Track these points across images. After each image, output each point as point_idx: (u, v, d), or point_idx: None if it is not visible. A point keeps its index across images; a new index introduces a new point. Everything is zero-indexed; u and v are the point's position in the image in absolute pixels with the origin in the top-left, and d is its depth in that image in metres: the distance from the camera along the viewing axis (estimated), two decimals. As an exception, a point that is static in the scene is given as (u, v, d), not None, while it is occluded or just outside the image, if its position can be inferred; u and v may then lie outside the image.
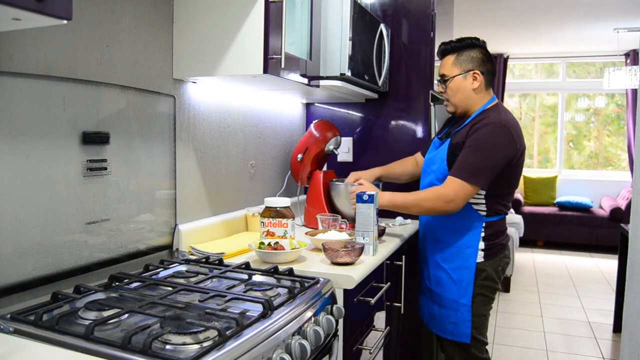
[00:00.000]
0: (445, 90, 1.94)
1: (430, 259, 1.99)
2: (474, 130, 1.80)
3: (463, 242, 1.89)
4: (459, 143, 1.84)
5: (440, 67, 1.96)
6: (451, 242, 1.91)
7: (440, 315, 1.95)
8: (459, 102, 1.92)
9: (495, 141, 1.77)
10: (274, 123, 2.37)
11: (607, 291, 4.51)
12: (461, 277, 1.89)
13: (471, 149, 1.78)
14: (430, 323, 2.04)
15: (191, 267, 1.47)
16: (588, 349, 3.28)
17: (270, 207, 1.71)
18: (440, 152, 1.92)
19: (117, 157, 1.40)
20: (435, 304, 1.97)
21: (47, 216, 1.20)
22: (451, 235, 1.91)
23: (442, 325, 1.95)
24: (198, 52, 1.63)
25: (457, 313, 1.90)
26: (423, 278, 2.07)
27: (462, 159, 1.79)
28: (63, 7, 0.86)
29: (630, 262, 1.81)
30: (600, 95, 7.01)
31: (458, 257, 1.90)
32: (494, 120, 1.81)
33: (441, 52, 1.96)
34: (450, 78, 1.91)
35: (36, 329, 0.96)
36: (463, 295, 1.89)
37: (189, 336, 0.94)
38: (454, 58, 1.92)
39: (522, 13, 4.93)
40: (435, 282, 1.96)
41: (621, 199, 6.21)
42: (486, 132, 1.78)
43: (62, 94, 1.23)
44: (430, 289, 2.00)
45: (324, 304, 1.30)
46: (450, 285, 1.91)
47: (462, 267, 1.89)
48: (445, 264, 1.92)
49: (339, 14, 1.97)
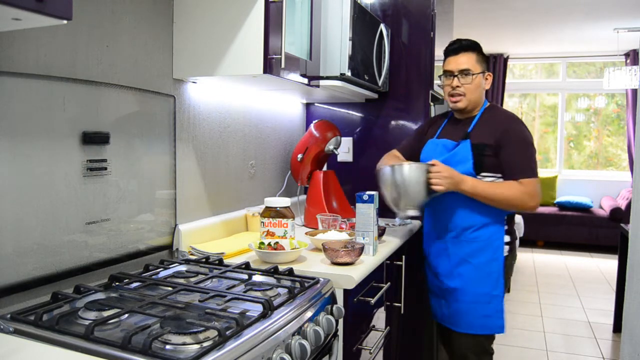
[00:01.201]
0: (463, 85, 1.90)
1: (452, 256, 1.94)
2: (505, 127, 1.86)
3: (490, 237, 1.91)
4: (485, 144, 1.85)
5: (460, 62, 1.91)
6: (477, 238, 1.90)
7: (467, 311, 1.91)
8: (475, 99, 1.92)
9: (529, 135, 1.90)
10: (274, 123, 2.37)
11: (607, 291, 4.51)
12: (491, 270, 1.90)
13: (520, 146, 1.85)
14: (452, 322, 1.97)
15: (191, 267, 1.47)
16: (588, 349, 3.28)
17: (270, 207, 1.71)
18: (459, 153, 1.88)
19: (117, 157, 1.40)
20: (460, 301, 1.92)
21: (47, 216, 1.20)
22: (476, 231, 1.90)
23: (470, 321, 1.92)
24: (198, 52, 1.63)
25: (489, 306, 1.89)
26: (438, 278, 2.00)
27: (520, 158, 1.84)
28: (63, 7, 0.86)
29: (630, 262, 1.81)
30: (600, 95, 7.01)
31: (486, 250, 1.90)
32: (512, 115, 1.95)
33: (463, 47, 1.92)
34: (476, 74, 1.90)
35: (36, 329, 0.96)
36: (495, 286, 1.90)
37: (189, 336, 0.94)
38: (477, 55, 1.92)
39: (522, 13, 4.94)
40: (460, 279, 1.92)
41: (621, 199, 6.21)
42: (523, 129, 1.89)
43: (62, 94, 1.23)
44: (451, 287, 1.94)
45: (324, 304, 1.30)
46: (479, 279, 1.90)
47: (492, 260, 1.91)
48: (473, 259, 1.90)
49: (339, 14, 1.97)
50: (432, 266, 2.04)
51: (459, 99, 1.92)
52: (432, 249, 2.03)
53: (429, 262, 2.06)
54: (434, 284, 2.04)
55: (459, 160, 1.88)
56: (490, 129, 1.88)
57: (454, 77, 1.91)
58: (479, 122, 1.93)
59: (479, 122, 1.93)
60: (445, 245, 1.96)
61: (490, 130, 1.88)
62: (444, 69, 1.96)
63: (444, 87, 1.97)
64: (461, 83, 1.90)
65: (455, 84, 1.91)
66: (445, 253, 1.97)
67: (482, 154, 1.85)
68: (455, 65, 1.91)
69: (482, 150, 1.85)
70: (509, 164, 1.86)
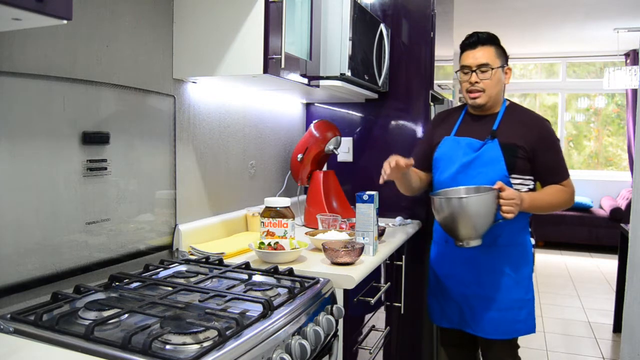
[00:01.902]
0: (482, 80, 1.82)
1: (482, 264, 1.85)
2: (539, 130, 1.83)
3: (522, 241, 1.88)
4: (517, 145, 1.79)
5: (478, 56, 1.82)
6: (509, 244, 1.85)
7: (501, 318, 1.85)
8: (495, 94, 1.85)
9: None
10: (274, 123, 2.37)
11: (607, 291, 4.51)
12: (523, 275, 1.86)
13: (556, 148, 1.85)
14: (481, 330, 1.88)
15: (191, 267, 1.47)
16: (588, 349, 3.28)
17: (270, 207, 1.71)
18: (487, 153, 1.81)
19: (117, 157, 1.40)
20: (492, 309, 1.85)
21: (47, 216, 1.20)
22: (508, 238, 1.84)
23: (506, 328, 1.85)
24: (198, 52, 1.63)
25: (522, 311, 1.85)
26: (465, 286, 1.89)
27: (558, 161, 1.84)
28: (63, 7, 0.86)
29: (630, 262, 1.81)
30: (600, 95, 7.01)
31: (519, 256, 1.86)
32: (539, 115, 1.91)
33: (481, 40, 1.84)
34: (495, 68, 1.82)
35: (36, 329, 0.96)
36: (527, 290, 1.87)
37: (189, 336, 0.94)
38: (495, 49, 1.84)
39: (522, 13, 4.93)
40: (492, 287, 1.85)
41: (621, 199, 6.21)
42: (552, 129, 1.87)
43: (62, 94, 1.23)
44: (481, 295, 1.86)
45: (324, 304, 1.30)
46: (512, 286, 1.84)
47: (524, 265, 1.87)
48: (506, 267, 1.84)
49: (339, 14, 1.97)
50: (455, 274, 1.92)
51: (478, 95, 1.84)
52: (455, 257, 1.91)
53: (449, 269, 1.94)
54: (457, 291, 1.92)
55: (487, 160, 1.81)
56: (520, 130, 1.81)
57: (472, 73, 1.83)
58: (504, 121, 1.85)
59: (503, 120, 1.85)
60: (474, 253, 1.85)
61: (520, 132, 1.81)
62: (461, 64, 1.88)
63: (462, 83, 1.88)
64: (480, 78, 1.82)
65: (473, 80, 1.83)
66: (473, 261, 1.87)
67: (513, 156, 1.79)
68: (473, 60, 1.83)
69: (513, 151, 1.79)
70: (549, 169, 1.83)
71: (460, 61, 1.89)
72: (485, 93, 1.84)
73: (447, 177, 1.88)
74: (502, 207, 1.66)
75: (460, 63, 1.89)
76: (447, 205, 1.66)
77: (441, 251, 1.99)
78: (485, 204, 1.63)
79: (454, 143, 1.90)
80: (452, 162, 1.88)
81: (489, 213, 1.64)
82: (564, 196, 1.83)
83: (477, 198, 1.64)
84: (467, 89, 1.87)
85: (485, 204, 1.63)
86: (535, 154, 1.81)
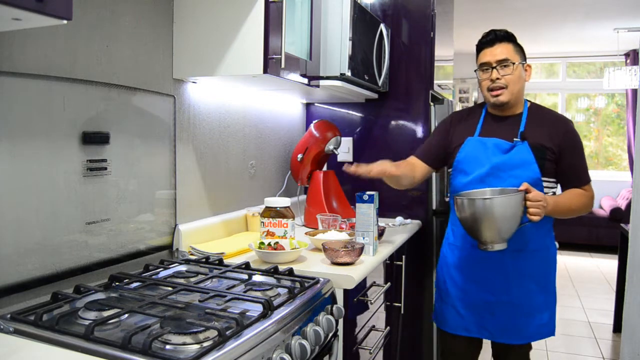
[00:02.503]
0: (503, 77, 1.77)
1: (511, 271, 1.79)
2: (566, 130, 1.79)
3: (549, 244, 1.85)
4: (545, 147, 1.75)
5: (497, 53, 1.78)
6: (538, 249, 1.81)
7: (526, 323, 1.81)
8: (517, 91, 1.79)
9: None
10: (274, 123, 2.37)
11: (607, 291, 4.51)
12: (550, 279, 1.84)
13: (581, 151, 1.82)
14: (508, 336, 1.83)
15: (191, 267, 1.47)
16: (588, 349, 3.28)
17: (270, 207, 1.71)
18: (518, 155, 1.76)
19: (117, 157, 1.40)
20: (518, 315, 1.80)
21: (47, 216, 1.20)
22: (537, 242, 1.81)
23: (530, 332, 1.82)
24: (198, 52, 1.63)
25: (545, 313, 1.83)
26: (490, 293, 1.82)
27: (583, 165, 1.82)
28: (63, 7, 0.86)
29: (630, 262, 1.81)
30: (600, 95, 7.01)
31: (546, 260, 1.84)
32: (563, 116, 1.87)
33: (499, 37, 1.80)
34: (517, 64, 1.77)
35: (36, 329, 0.96)
36: (551, 293, 1.85)
37: (189, 336, 0.94)
38: (513, 45, 1.80)
39: (522, 13, 4.93)
40: (520, 293, 1.80)
41: (621, 199, 6.21)
42: (577, 132, 1.83)
43: (62, 94, 1.23)
44: (507, 301, 1.81)
45: (324, 304, 1.30)
46: (539, 291, 1.81)
47: (550, 269, 1.85)
48: (535, 272, 1.81)
49: (339, 14, 1.97)
50: (480, 281, 1.84)
51: (501, 92, 1.77)
52: (483, 263, 1.83)
53: (474, 275, 1.85)
54: (480, 298, 1.84)
55: (518, 163, 1.75)
56: (547, 131, 1.77)
57: (492, 69, 1.77)
58: (529, 121, 1.80)
59: (528, 120, 1.80)
60: (503, 259, 1.78)
61: (548, 133, 1.77)
62: (480, 62, 1.82)
63: (482, 82, 1.82)
64: (501, 74, 1.77)
65: (494, 76, 1.77)
66: (502, 267, 1.80)
67: (542, 158, 1.74)
68: (492, 57, 1.78)
69: (542, 153, 1.74)
70: (573, 171, 1.80)
71: (478, 60, 1.84)
72: (508, 89, 1.78)
73: (474, 179, 1.80)
74: (528, 209, 1.59)
75: (478, 62, 1.84)
76: (471, 206, 1.59)
77: (466, 256, 1.88)
78: (511, 206, 1.57)
79: (480, 144, 1.82)
80: (479, 163, 1.81)
81: (515, 215, 1.58)
82: (585, 201, 1.79)
83: (503, 199, 1.57)
84: (489, 87, 1.80)
85: (511, 205, 1.57)
86: (561, 155, 1.76)
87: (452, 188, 1.91)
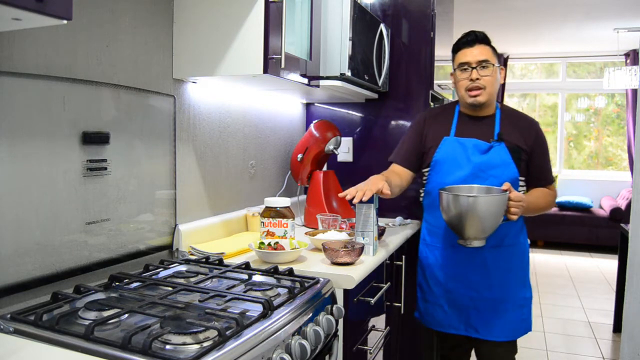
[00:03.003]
0: (482, 77, 1.80)
1: (492, 267, 1.85)
2: (536, 132, 1.87)
3: (523, 240, 1.93)
4: (521, 147, 1.83)
5: (477, 53, 1.81)
6: (514, 243, 1.88)
7: (509, 319, 1.86)
8: (493, 92, 1.84)
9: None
10: (274, 123, 2.37)
11: (607, 291, 4.51)
12: (525, 274, 1.92)
13: (547, 152, 1.91)
14: (494, 334, 1.86)
15: (191, 267, 1.47)
16: (588, 349, 3.28)
17: (270, 207, 1.71)
18: (496, 156, 1.81)
19: (117, 157, 1.40)
20: (500, 311, 1.86)
21: (47, 216, 1.20)
22: (513, 237, 1.88)
23: (513, 328, 1.87)
24: (198, 52, 1.63)
25: (524, 308, 1.91)
26: (474, 290, 1.87)
27: (547, 164, 1.91)
28: (63, 7, 0.86)
29: (630, 262, 1.81)
30: (600, 95, 7.01)
31: (522, 254, 1.92)
32: (531, 117, 1.95)
33: (479, 39, 1.83)
34: (495, 66, 1.82)
35: (36, 329, 0.96)
36: (527, 288, 1.93)
37: (189, 336, 0.94)
38: (491, 48, 1.84)
39: (522, 13, 4.94)
40: (502, 288, 1.86)
41: (621, 199, 6.21)
42: (544, 133, 1.92)
43: (62, 94, 1.23)
44: (491, 298, 1.86)
45: (324, 304, 1.30)
46: (519, 285, 1.89)
47: (525, 264, 1.93)
48: (514, 266, 1.88)
49: (339, 14, 1.97)
50: (462, 278, 1.88)
51: (480, 92, 1.81)
52: (464, 261, 1.87)
53: (457, 273, 1.89)
54: (465, 295, 1.88)
55: (498, 163, 1.80)
56: (520, 132, 1.84)
57: (472, 70, 1.80)
58: (503, 123, 1.85)
59: (502, 122, 1.85)
60: (481, 255, 1.84)
61: (521, 134, 1.84)
62: (459, 61, 1.84)
63: (460, 82, 1.84)
64: (481, 75, 1.80)
65: (474, 76, 1.80)
66: (481, 263, 1.85)
67: (519, 158, 1.81)
68: (472, 57, 1.81)
69: (518, 154, 1.81)
70: (541, 171, 1.88)
71: (456, 60, 1.86)
72: (486, 91, 1.81)
73: (457, 179, 1.84)
74: (509, 209, 1.66)
75: (456, 61, 1.85)
76: (458, 202, 1.63)
77: (446, 255, 1.91)
78: (495, 205, 1.63)
79: (458, 144, 1.86)
80: (459, 163, 1.84)
81: (498, 214, 1.64)
82: (551, 200, 1.90)
83: (489, 198, 1.64)
84: (468, 87, 1.82)
85: (496, 204, 1.63)
86: (532, 156, 1.85)
87: (429, 187, 1.93)
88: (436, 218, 1.88)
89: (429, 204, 1.95)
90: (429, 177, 1.92)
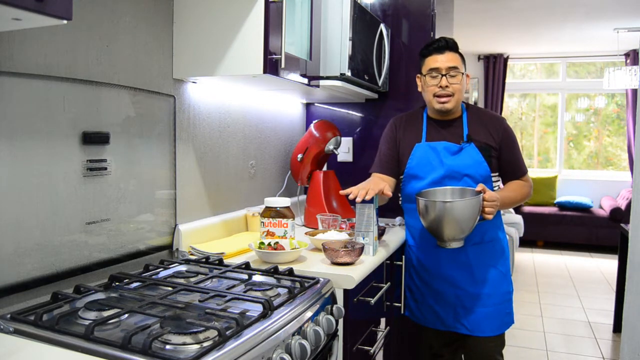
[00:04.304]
0: (451, 85, 1.82)
1: (475, 263, 1.89)
2: (503, 128, 1.91)
3: (502, 236, 1.97)
4: (490, 145, 1.87)
5: (447, 60, 1.83)
6: (494, 239, 1.93)
7: (494, 313, 1.90)
8: (460, 99, 1.88)
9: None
10: (274, 123, 2.37)
11: (607, 291, 4.51)
12: (506, 268, 1.96)
13: (516, 145, 1.94)
14: (477, 329, 1.89)
15: (191, 267, 1.47)
16: (588, 349, 3.28)
17: (270, 207, 1.71)
18: (468, 156, 1.85)
19: (117, 157, 1.40)
20: (487, 305, 1.89)
21: (47, 216, 1.21)
22: (492, 232, 1.93)
23: (498, 322, 1.91)
24: (198, 52, 1.63)
25: (509, 303, 1.95)
26: (459, 287, 1.90)
27: (519, 157, 1.95)
28: (63, 7, 0.86)
29: (630, 262, 1.81)
30: (600, 95, 7.01)
31: (502, 250, 1.96)
32: (497, 114, 2.02)
33: (450, 46, 1.85)
34: (464, 73, 1.86)
35: (36, 329, 0.96)
36: (509, 282, 1.96)
37: (189, 336, 0.94)
38: (459, 56, 1.87)
39: (522, 13, 4.93)
40: (486, 284, 1.90)
41: (621, 199, 6.21)
42: (512, 129, 1.95)
43: (62, 94, 1.23)
44: (476, 294, 1.89)
45: (324, 304, 1.30)
46: (501, 280, 1.93)
47: (505, 259, 1.96)
48: (495, 261, 1.92)
49: (339, 14, 1.97)
50: (447, 276, 1.91)
51: (448, 99, 1.84)
52: (448, 260, 1.90)
53: (441, 272, 1.92)
54: (451, 293, 1.91)
55: (470, 163, 1.85)
56: (488, 130, 1.89)
57: (442, 77, 1.82)
58: (471, 123, 1.90)
59: (470, 122, 1.90)
60: (465, 253, 1.87)
61: (489, 131, 1.89)
62: (429, 67, 1.84)
63: (428, 87, 1.86)
64: (450, 82, 1.82)
65: (444, 84, 1.82)
66: (465, 261, 1.89)
67: (489, 156, 1.87)
68: (442, 63, 1.82)
69: (488, 152, 1.87)
70: (512, 164, 1.93)
71: (425, 64, 1.88)
72: (454, 97, 1.85)
73: (431, 182, 1.86)
74: (484, 209, 1.71)
75: (426, 66, 1.87)
76: (433, 207, 1.68)
77: (430, 256, 1.94)
78: (470, 207, 1.67)
79: (429, 149, 1.89)
80: (432, 167, 1.87)
81: (474, 215, 1.68)
82: (526, 191, 1.95)
83: (465, 202, 1.68)
84: (436, 93, 1.85)
85: (470, 207, 1.67)
86: (501, 151, 1.89)
87: (406, 193, 1.96)
88: (416, 220, 1.89)
89: (407, 208, 1.99)
90: (405, 182, 1.96)
